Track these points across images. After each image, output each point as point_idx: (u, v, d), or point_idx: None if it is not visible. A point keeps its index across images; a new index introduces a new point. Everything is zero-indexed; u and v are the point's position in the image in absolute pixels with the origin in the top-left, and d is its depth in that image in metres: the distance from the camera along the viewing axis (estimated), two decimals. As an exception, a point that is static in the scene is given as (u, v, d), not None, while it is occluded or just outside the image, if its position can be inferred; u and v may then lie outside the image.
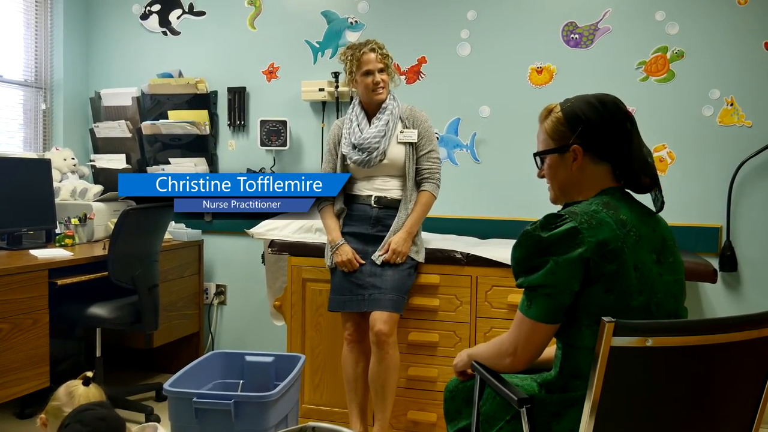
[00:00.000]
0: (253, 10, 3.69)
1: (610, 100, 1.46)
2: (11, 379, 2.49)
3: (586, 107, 1.45)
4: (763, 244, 3.02)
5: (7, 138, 3.56)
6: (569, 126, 1.45)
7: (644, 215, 1.43)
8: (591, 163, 1.45)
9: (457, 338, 2.69)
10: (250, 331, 3.77)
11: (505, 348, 1.45)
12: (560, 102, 1.51)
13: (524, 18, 3.29)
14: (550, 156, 1.50)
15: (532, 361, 1.43)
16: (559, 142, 1.47)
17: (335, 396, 2.85)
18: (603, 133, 1.44)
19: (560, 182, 1.50)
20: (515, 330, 1.42)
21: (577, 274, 1.32)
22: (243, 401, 2.06)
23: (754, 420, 1.32)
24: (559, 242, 1.33)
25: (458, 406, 1.72)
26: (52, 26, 3.79)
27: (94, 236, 3.27)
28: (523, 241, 1.40)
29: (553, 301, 1.34)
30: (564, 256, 1.32)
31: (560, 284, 1.33)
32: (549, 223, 1.37)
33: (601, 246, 1.31)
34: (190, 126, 3.67)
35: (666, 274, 1.38)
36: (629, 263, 1.32)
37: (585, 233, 1.32)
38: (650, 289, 1.34)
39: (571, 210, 1.38)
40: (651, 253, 1.37)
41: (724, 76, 3.04)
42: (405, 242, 2.54)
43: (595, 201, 1.41)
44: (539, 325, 1.37)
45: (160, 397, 3.25)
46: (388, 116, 2.59)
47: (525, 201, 3.26)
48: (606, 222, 1.34)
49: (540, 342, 1.39)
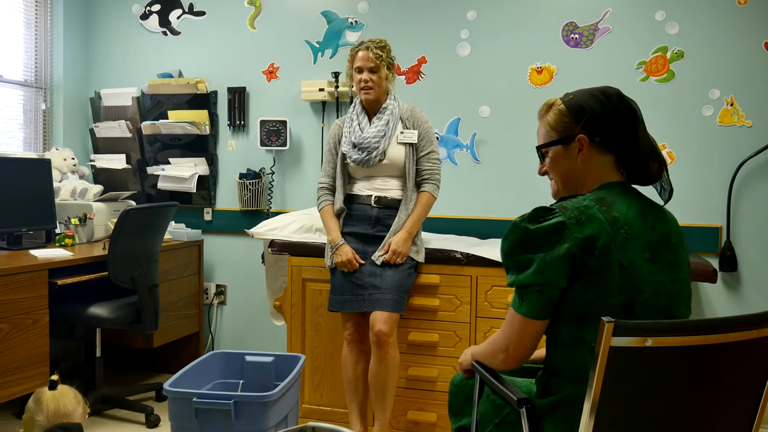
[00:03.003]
0: (253, 10, 3.69)
1: (613, 92, 1.45)
2: (11, 379, 2.49)
3: (589, 98, 1.44)
4: (763, 244, 3.02)
5: (7, 138, 3.56)
6: (573, 116, 1.44)
7: (646, 212, 1.40)
8: (596, 154, 1.43)
9: (457, 338, 2.69)
10: (250, 331, 3.77)
11: (498, 345, 1.46)
12: (560, 96, 1.50)
13: (524, 18, 3.29)
14: (554, 149, 1.48)
15: (525, 358, 1.44)
16: (564, 134, 1.45)
17: (335, 396, 2.85)
18: (608, 122, 1.42)
19: (563, 175, 1.48)
20: (507, 327, 1.43)
21: (565, 270, 1.32)
22: (243, 401, 2.06)
23: (754, 420, 1.32)
24: (546, 236, 1.33)
25: (461, 402, 1.72)
26: (52, 26, 3.79)
27: (94, 236, 3.27)
28: (511, 232, 1.40)
29: (544, 297, 1.35)
30: (551, 253, 1.32)
31: (549, 281, 1.33)
32: (538, 216, 1.36)
33: (587, 242, 1.31)
34: (190, 126, 3.67)
35: (660, 273, 1.36)
36: (614, 261, 1.31)
37: (572, 228, 1.31)
38: (635, 289, 1.32)
39: (562, 204, 1.37)
40: (644, 251, 1.35)
41: (724, 76, 3.04)
42: (405, 243, 2.54)
43: (590, 196, 1.39)
44: (530, 322, 1.37)
45: (160, 397, 3.25)
46: (389, 116, 2.58)
47: (525, 201, 3.27)
48: (595, 218, 1.33)
49: (531, 338, 1.40)
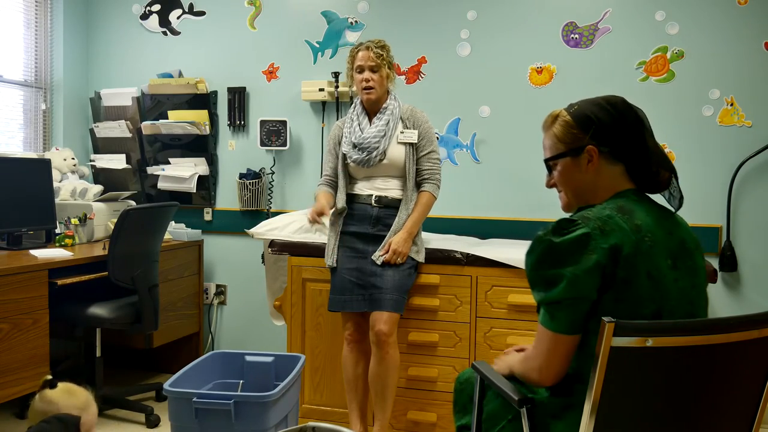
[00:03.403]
0: (253, 10, 3.69)
1: (618, 100, 1.43)
2: (11, 379, 2.49)
3: (595, 108, 1.42)
4: (763, 244, 3.02)
5: (7, 138, 3.56)
6: (581, 127, 1.42)
7: (661, 218, 1.39)
8: (606, 164, 1.41)
9: (457, 338, 2.69)
10: (250, 331, 3.77)
11: (531, 364, 1.41)
12: (565, 107, 1.47)
13: (524, 18, 3.29)
14: (562, 161, 1.45)
15: (560, 375, 1.37)
16: (572, 145, 1.43)
17: (335, 396, 2.85)
18: (616, 132, 1.40)
19: (574, 187, 1.45)
20: (537, 345, 1.38)
21: (596, 282, 1.29)
22: (243, 401, 2.06)
23: (754, 420, 1.32)
24: (571, 249, 1.30)
25: (465, 400, 1.72)
26: (52, 26, 3.79)
27: (94, 236, 3.27)
28: (536, 246, 1.36)
29: (576, 311, 1.31)
30: (580, 265, 1.28)
31: (583, 295, 1.29)
32: (561, 228, 1.33)
33: (614, 252, 1.28)
34: (190, 126, 3.67)
35: (682, 280, 1.35)
36: (642, 270, 1.29)
37: (597, 239, 1.28)
38: (663, 297, 1.31)
39: (584, 215, 1.34)
40: (667, 259, 1.33)
41: (724, 76, 3.04)
42: (405, 242, 2.54)
43: (609, 205, 1.36)
44: (562, 337, 1.33)
45: (160, 397, 3.25)
46: (389, 116, 2.58)
47: (525, 201, 3.27)
48: (620, 227, 1.30)
49: (564, 355, 1.35)
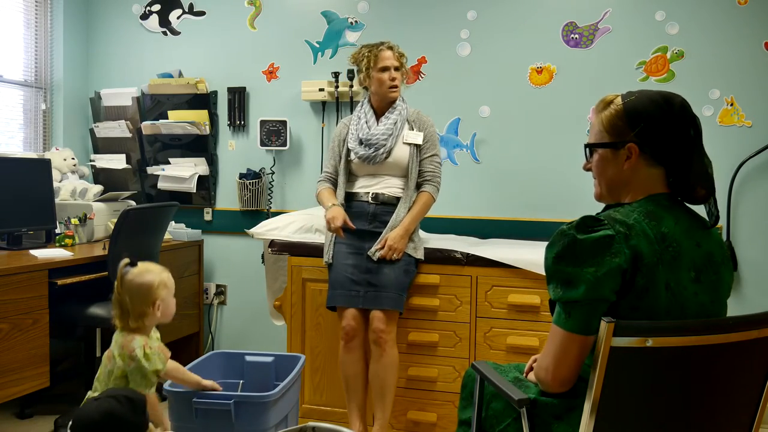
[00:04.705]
0: (253, 10, 3.69)
1: (678, 101, 1.36)
2: (11, 379, 2.49)
3: (649, 104, 1.35)
4: (763, 244, 3.02)
5: (7, 138, 3.56)
6: (628, 121, 1.35)
7: (693, 228, 1.33)
8: (644, 166, 1.36)
9: (457, 338, 2.69)
10: (250, 331, 3.77)
11: (540, 363, 1.37)
12: (622, 94, 1.41)
13: (524, 18, 3.29)
14: (602, 150, 1.40)
15: (569, 379, 1.32)
16: (615, 137, 1.37)
17: (335, 396, 2.85)
18: (663, 136, 1.34)
19: (608, 180, 1.41)
20: (550, 344, 1.34)
21: (616, 284, 1.25)
22: (243, 401, 2.06)
23: (754, 420, 1.32)
24: (593, 249, 1.25)
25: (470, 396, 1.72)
26: (52, 26, 3.79)
27: (94, 236, 3.27)
28: (558, 239, 1.31)
29: (593, 311, 1.26)
30: (601, 267, 1.24)
31: (603, 297, 1.26)
32: (586, 225, 1.29)
33: (636, 258, 1.24)
34: (190, 126, 3.67)
35: (702, 294, 1.30)
36: (661, 280, 1.25)
37: (620, 243, 1.25)
38: (680, 310, 1.27)
39: (611, 215, 1.30)
40: (690, 271, 1.29)
41: (724, 76, 3.04)
42: (401, 239, 2.54)
43: (638, 209, 1.32)
44: (575, 337, 1.29)
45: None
46: (397, 116, 2.62)
47: (525, 201, 3.27)
48: (645, 234, 1.27)
49: (575, 356, 1.30)
